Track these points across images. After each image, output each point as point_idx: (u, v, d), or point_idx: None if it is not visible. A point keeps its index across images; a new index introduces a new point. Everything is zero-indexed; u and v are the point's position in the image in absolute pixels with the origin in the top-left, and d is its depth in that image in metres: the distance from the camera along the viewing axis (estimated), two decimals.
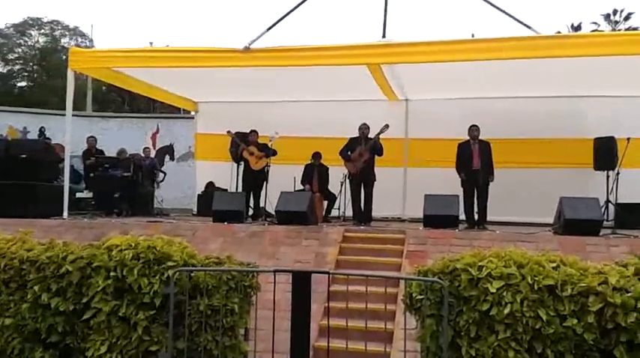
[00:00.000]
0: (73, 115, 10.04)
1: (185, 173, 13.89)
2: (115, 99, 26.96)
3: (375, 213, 9.52)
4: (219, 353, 4.11)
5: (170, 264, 4.20)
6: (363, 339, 4.22)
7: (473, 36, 12.75)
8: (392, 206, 10.71)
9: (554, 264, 3.73)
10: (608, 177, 9.08)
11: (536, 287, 3.60)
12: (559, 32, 22.52)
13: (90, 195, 11.26)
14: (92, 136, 11.83)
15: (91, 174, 10.97)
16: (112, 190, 10.64)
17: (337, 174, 9.90)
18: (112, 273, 4.19)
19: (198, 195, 11.80)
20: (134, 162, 11.27)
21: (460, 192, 9.00)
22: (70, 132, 9.81)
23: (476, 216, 8.97)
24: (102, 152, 11.53)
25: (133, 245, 4.32)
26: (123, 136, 14.13)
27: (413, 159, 11.04)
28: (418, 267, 4.19)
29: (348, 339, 4.18)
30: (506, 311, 3.56)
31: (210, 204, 9.32)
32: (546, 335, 3.52)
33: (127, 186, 10.76)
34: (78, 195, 11.29)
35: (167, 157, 14.89)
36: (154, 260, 4.23)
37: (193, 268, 4.23)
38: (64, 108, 9.85)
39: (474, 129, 9.15)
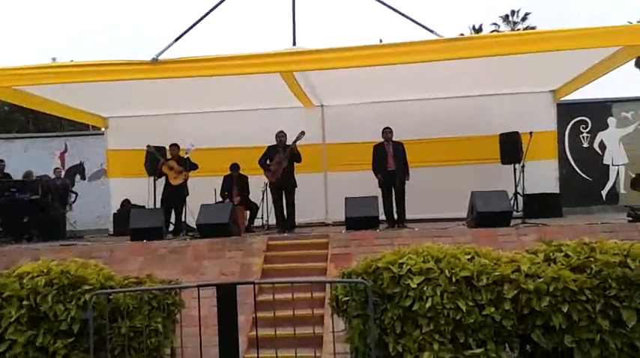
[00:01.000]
0: None
1: (98, 192, 13.36)
2: (19, 119, 25.57)
3: (298, 220, 9.56)
4: None
5: (86, 287, 4.05)
6: (293, 346, 4.22)
7: (381, 41, 13.09)
8: (315, 211, 10.79)
9: (469, 256, 3.90)
10: (514, 170, 9.58)
11: (453, 279, 3.74)
12: (462, 34, 23.52)
13: None
14: (1, 160, 11.14)
15: None
16: (20, 215, 10.07)
17: (258, 183, 9.85)
18: (25, 302, 4.00)
19: (114, 214, 11.37)
20: (42, 184, 10.72)
21: (379, 192, 9.21)
22: None
23: (395, 216, 9.21)
24: (9, 176, 10.89)
25: (46, 271, 4.14)
26: (29, 158, 13.42)
27: (332, 163, 11.18)
28: (342, 270, 4.25)
29: (277, 348, 4.16)
30: (428, 305, 3.69)
31: (128, 222, 9.01)
32: (467, 324, 3.67)
33: (36, 209, 10.22)
34: None
35: (78, 177, 14.27)
36: (69, 285, 4.07)
37: (111, 290, 4.09)
38: None
39: (387, 132, 9.40)
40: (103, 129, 12.30)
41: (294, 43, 8.63)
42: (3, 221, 10.35)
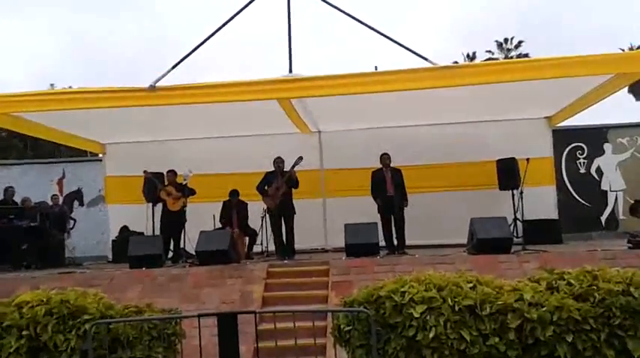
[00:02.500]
0: None
1: (96, 218, 13.31)
2: (17, 145, 25.59)
3: (298, 246, 9.53)
4: None
5: (86, 317, 4.01)
6: None
7: (376, 68, 13.20)
8: (314, 237, 10.75)
9: (471, 285, 3.88)
10: (513, 196, 9.60)
11: (456, 308, 3.71)
12: (456, 62, 23.77)
13: None
14: (11, 186, 11.10)
15: None
16: (18, 242, 10.02)
17: (257, 210, 9.83)
18: (24, 332, 3.95)
19: (113, 240, 11.31)
20: (40, 210, 10.68)
21: (378, 218, 9.20)
22: None
23: (395, 242, 9.19)
24: (14, 202, 10.85)
25: (45, 300, 4.10)
26: (27, 184, 13.38)
27: (330, 189, 11.19)
28: (344, 298, 4.23)
29: None
30: (432, 335, 3.65)
31: (126, 249, 8.96)
32: (471, 355, 3.63)
33: (35, 236, 10.17)
34: None
35: (76, 203, 14.22)
36: (69, 314, 4.02)
37: (111, 320, 4.05)
38: None
39: (385, 158, 9.44)
40: (101, 155, 12.31)
41: (291, 70, 8.69)
42: (0, 248, 10.29)
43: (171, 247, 9.85)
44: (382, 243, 9.00)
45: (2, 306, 4.11)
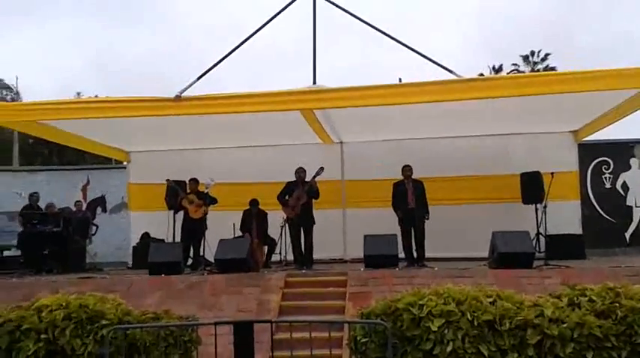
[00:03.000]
0: None
1: (119, 225, 13.45)
2: (43, 152, 26.06)
3: (316, 256, 9.51)
4: None
5: (104, 322, 4.04)
6: None
7: (400, 80, 13.18)
8: (333, 248, 10.71)
9: (490, 299, 3.83)
10: (536, 210, 9.47)
11: (475, 323, 3.66)
12: (481, 74, 23.65)
13: (18, 253, 10.69)
14: (35, 192, 11.30)
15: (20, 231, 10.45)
16: (41, 247, 10.16)
17: (277, 219, 9.84)
18: (42, 336, 3.99)
19: (134, 247, 11.42)
20: (64, 216, 10.84)
21: (397, 230, 9.14)
22: None
23: (414, 254, 9.11)
24: (39, 208, 11.03)
25: (64, 304, 4.14)
26: (52, 190, 13.59)
27: (350, 200, 11.16)
28: (361, 309, 4.20)
29: None
30: (449, 348, 3.61)
31: (147, 255, 9.03)
32: None
33: (57, 241, 10.30)
34: (5, 253, 10.70)
35: (99, 209, 14.41)
36: (87, 319, 4.06)
37: (129, 326, 4.07)
38: None
39: (406, 169, 9.39)
40: (125, 162, 12.48)
41: (315, 82, 8.72)
42: (24, 252, 10.46)
43: (191, 254, 9.90)
44: (401, 255, 8.94)
45: (22, 310, 4.16)
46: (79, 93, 29.55)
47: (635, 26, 52.42)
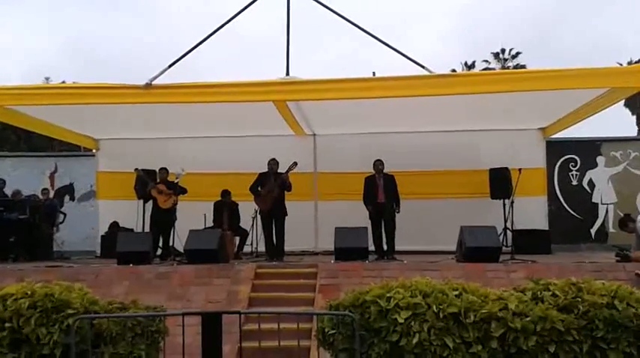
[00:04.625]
0: None
1: (87, 213, 13.22)
2: (10, 138, 25.48)
3: (287, 248, 9.51)
4: None
5: (70, 311, 3.99)
6: None
7: (374, 74, 13.23)
8: (304, 239, 10.74)
9: (456, 292, 3.89)
10: (504, 205, 9.62)
11: (441, 315, 3.72)
12: (454, 70, 23.88)
13: None
14: (1, 179, 11.03)
15: None
16: (6, 234, 9.96)
17: (248, 210, 9.81)
18: (7, 324, 3.94)
19: (102, 236, 11.27)
20: (30, 203, 10.63)
21: (369, 223, 9.20)
22: None
23: (384, 247, 9.20)
24: (5, 195, 10.79)
25: (29, 293, 4.08)
26: (19, 177, 13.29)
27: (323, 192, 11.19)
28: (330, 301, 4.23)
29: None
30: (415, 340, 3.66)
31: (115, 245, 8.93)
32: None
33: (24, 229, 10.11)
34: None
35: (67, 197, 14.15)
36: (52, 308, 4.00)
37: (95, 315, 4.03)
38: None
39: (378, 164, 9.45)
40: (93, 150, 12.28)
41: (288, 73, 8.70)
42: None
43: (161, 244, 9.82)
44: (372, 248, 9.01)
45: None
46: (47, 79, 28.98)
47: (612, 32, 53.50)
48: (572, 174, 13.11)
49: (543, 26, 52.78)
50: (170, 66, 8.59)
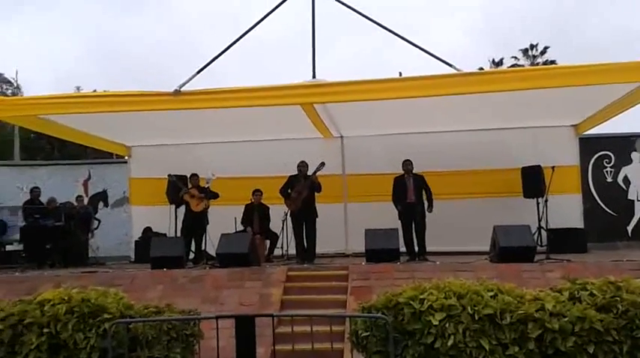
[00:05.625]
0: None
1: (120, 219, 13.48)
2: (44, 147, 26.07)
3: (318, 250, 9.51)
4: None
5: (106, 316, 4.06)
6: None
7: (400, 74, 13.15)
8: (335, 242, 10.70)
9: (492, 293, 3.83)
10: (537, 204, 9.46)
11: (476, 317, 3.67)
12: (481, 68, 23.61)
13: (21, 247, 10.72)
14: (37, 187, 11.30)
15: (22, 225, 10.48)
16: (43, 241, 10.19)
17: (279, 213, 9.85)
18: (45, 330, 4.01)
19: (136, 241, 11.45)
20: (65, 210, 10.86)
21: (398, 224, 9.15)
22: None
23: (416, 248, 9.13)
24: (40, 203, 11.05)
25: (66, 298, 4.16)
26: (53, 185, 13.60)
27: (352, 194, 11.16)
28: (362, 304, 4.21)
29: None
30: (450, 342, 3.62)
31: (149, 250, 9.06)
32: None
33: (59, 236, 10.34)
34: (8, 247, 10.73)
35: (101, 204, 14.43)
36: (89, 313, 4.07)
37: (131, 320, 4.09)
38: None
39: (407, 164, 9.38)
40: (126, 157, 12.48)
41: (314, 76, 8.71)
42: (26, 247, 10.49)
43: (193, 249, 9.93)
44: (403, 249, 8.95)
45: (24, 304, 4.18)
46: (78, 88, 29.56)
47: (635, 22, 52.29)
48: (607, 171, 12.84)
49: (570, 19, 51.78)
50: (198, 72, 8.70)
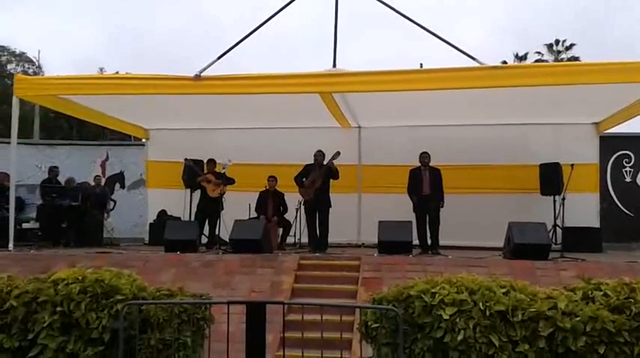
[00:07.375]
0: (19, 143, 9.67)
1: (136, 201, 13.61)
2: (64, 126, 26.32)
3: (331, 239, 9.52)
4: None
5: (119, 297, 4.08)
6: None
7: (421, 66, 13.04)
8: (348, 232, 10.73)
9: (504, 290, 3.80)
10: (554, 201, 9.36)
11: (487, 313, 3.65)
12: (505, 61, 23.32)
13: (37, 225, 10.86)
14: (55, 166, 11.44)
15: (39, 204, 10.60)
16: (59, 220, 10.30)
17: (293, 201, 9.86)
18: (58, 308, 4.05)
19: (150, 224, 11.55)
20: (82, 190, 10.96)
21: (412, 217, 9.12)
22: (15, 161, 9.44)
23: (429, 241, 9.10)
24: (58, 181, 11.18)
25: (80, 278, 4.19)
26: (71, 165, 13.74)
27: (366, 185, 11.13)
28: (373, 295, 4.20)
29: None
30: (460, 337, 3.60)
31: (163, 233, 9.14)
32: None
33: (75, 215, 10.44)
34: (24, 225, 10.87)
35: (117, 185, 14.56)
36: (102, 293, 4.11)
37: (143, 302, 4.12)
38: (10, 136, 9.48)
39: (424, 156, 9.33)
40: (143, 139, 12.57)
41: (335, 65, 8.67)
42: (42, 225, 10.61)
43: (206, 233, 9.99)
44: (416, 242, 8.93)
45: (38, 282, 4.22)
46: (101, 69, 29.77)
47: None
48: (626, 171, 12.67)
49: (597, 15, 50.92)
50: (219, 58, 8.71)
